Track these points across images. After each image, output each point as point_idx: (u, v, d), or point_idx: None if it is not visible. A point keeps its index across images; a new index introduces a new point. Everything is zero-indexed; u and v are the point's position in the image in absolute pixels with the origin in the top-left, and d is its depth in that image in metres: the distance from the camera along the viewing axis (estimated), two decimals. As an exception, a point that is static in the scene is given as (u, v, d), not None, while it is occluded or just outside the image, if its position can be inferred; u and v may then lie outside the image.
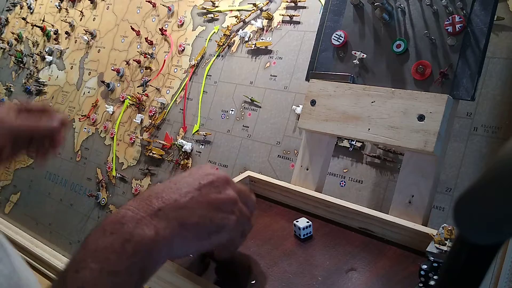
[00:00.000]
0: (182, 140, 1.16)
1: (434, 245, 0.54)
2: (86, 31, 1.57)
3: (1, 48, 1.93)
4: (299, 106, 0.96)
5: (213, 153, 1.11)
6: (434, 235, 0.55)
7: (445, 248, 0.53)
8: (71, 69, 1.61)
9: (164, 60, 1.29)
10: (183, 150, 1.15)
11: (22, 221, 1.60)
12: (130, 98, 1.32)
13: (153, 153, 1.22)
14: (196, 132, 1.16)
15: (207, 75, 1.18)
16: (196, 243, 0.40)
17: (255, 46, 1.09)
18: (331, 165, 0.85)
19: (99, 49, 1.53)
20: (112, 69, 1.42)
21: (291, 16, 1.04)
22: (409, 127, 0.67)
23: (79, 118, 1.50)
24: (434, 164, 0.66)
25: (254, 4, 1.11)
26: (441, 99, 0.65)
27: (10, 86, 1.83)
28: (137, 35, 1.40)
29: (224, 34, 1.16)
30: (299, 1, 1.04)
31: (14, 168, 1.71)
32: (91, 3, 1.60)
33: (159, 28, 1.31)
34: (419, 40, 0.71)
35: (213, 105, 1.14)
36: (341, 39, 0.78)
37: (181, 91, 1.22)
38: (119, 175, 1.29)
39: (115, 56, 1.45)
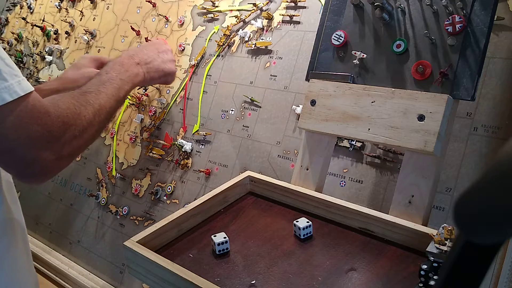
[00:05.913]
0: (182, 140, 1.16)
1: (434, 245, 0.54)
2: (86, 31, 1.57)
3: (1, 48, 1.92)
4: (299, 106, 0.96)
5: (213, 153, 1.11)
6: (434, 235, 0.55)
7: (445, 248, 0.53)
8: (71, 69, 1.60)
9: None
10: (183, 150, 1.15)
11: (22, 221, 1.60)
12: (130, 97, 1.32)
13: (153, 153, 1.22)
14: (196, 132, 1.16)
15: (207, 75, 1.18)
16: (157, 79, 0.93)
17: (255, 46, 1.09)
18: (331, 165, 0.85)
19: (99, 49, 1.53)
20: (112, 69, 1.42)
21: (291, 16, 1.04)
22: (409, 127, 0.67)
23: (79, 118, 1.50)
24: (434, 164, 0.66)
25: (254, 4, 1.11)
26: (441, 99, 0.65)
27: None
28: (137, 35, 1.40)
29: (224, 34, 1.16)
30: (299, 1, 1.04)
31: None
32: (91, 3, 1.60)
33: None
34: (419, 40, 0.71)
35: (213, 105, 1.14)
36: (341, 39, 0.78)
37: (181, 91, 1.22)
38: (119, 175, 1.30)
39: (115, 56, 1.45)
